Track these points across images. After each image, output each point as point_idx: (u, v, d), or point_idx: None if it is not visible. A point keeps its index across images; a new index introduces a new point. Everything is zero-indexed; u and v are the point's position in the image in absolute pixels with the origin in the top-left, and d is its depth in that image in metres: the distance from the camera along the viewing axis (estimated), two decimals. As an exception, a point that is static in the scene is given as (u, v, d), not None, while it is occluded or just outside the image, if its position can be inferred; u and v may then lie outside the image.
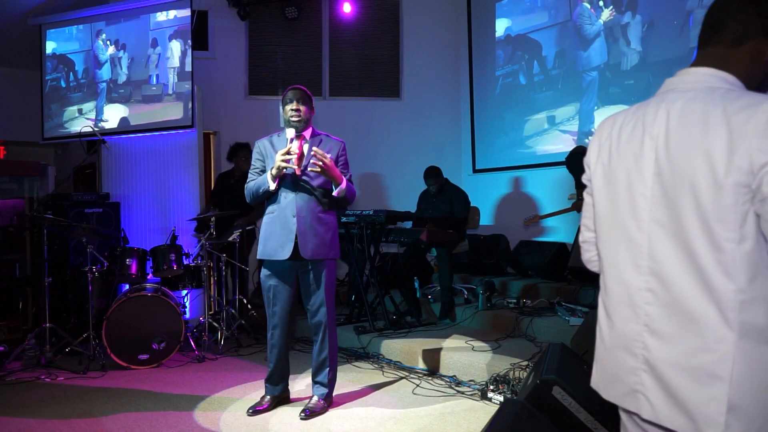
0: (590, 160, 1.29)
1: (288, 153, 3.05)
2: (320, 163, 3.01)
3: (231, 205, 5.11)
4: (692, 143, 1.07)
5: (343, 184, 3.14)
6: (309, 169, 3.10)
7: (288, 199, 3.14)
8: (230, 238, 4.94)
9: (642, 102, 1.23)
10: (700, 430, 1.06)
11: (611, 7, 5.58)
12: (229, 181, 5.41)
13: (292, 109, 3.16)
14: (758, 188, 0.99)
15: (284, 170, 3.08)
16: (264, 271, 3.26)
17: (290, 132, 3.14)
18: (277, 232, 3.14)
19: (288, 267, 3.20)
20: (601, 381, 1.26)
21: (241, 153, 5.39)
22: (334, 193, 3.14)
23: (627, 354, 1.17)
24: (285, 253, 3.10)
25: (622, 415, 1.27)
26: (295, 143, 3.14)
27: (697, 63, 1.18)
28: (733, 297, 1.03)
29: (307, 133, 3.23)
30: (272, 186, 3.11)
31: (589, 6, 5.81)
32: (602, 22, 5.67)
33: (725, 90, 1.10)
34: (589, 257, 1.38)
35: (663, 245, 1.11)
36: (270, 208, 3.20)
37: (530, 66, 6.50)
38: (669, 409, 1.10)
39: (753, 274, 1.02)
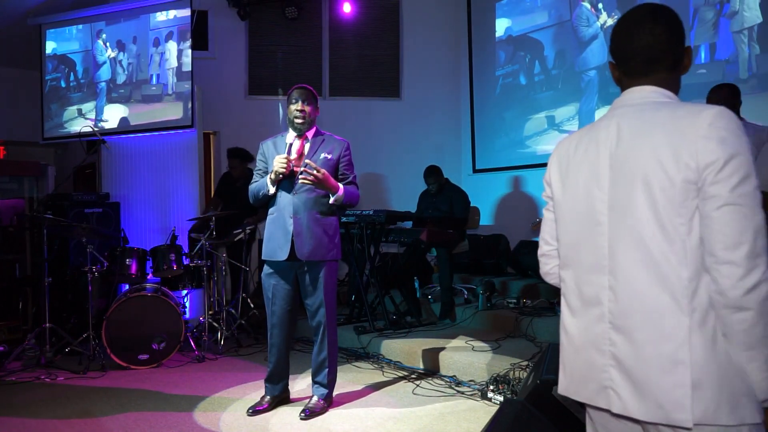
0: (550, 179, 1.40)
1: (287, 158, 3.06)
2: (310, 177, 3.00)
3: (234, 205, 5.13)
4: (644, 148, 1.18)
5: (340, 192, 3.11)
6: (300, 181, 3.07)
7: (286, 200, 3.14)
8: (237, 237, 4.95)
9: (594, 122, 1.35)
10: (670, 415, 1.13)
11: (612, 13, 5.58)
12: (236, 184, 5.43)
13: (297, 110, 3.15)
14: (702, 186, 1.11)
15: (281, 175, 3.09)
16: (265, 271, 3.27)
17: (290, 136, 3.14)
18: (276, 233, 3.15)
19: (287, 267, 3.20)
20: (571, 384, 1.32)
21: (234, 162, 5.46)
22: (331, 201, 3.12)
23: (596, 352, 1.24)
24: (283, 254, 3.12)
25: (591, 414, 1.33)
26: (296, 144, 3.14)
27: (636, 85, 1.30)
28: (687, 285, 1.13)
29: (310, 133, 3.23)
30: (271, 190, 3.15)
31: (588, 6, 5.81)
32: (600, 23, 5.67)
33: (668, 102, 1.24)
34: (547, 270, 1.47)
35: (620, 246, 1.21)
36: (271, 210, 3.21)
37: (530, 66, 6.50)
38: (638, 401, 1.17)
39: (700, 262, 1.13)
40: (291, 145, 3.16)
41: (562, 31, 6.13)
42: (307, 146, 3.20)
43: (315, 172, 2.99)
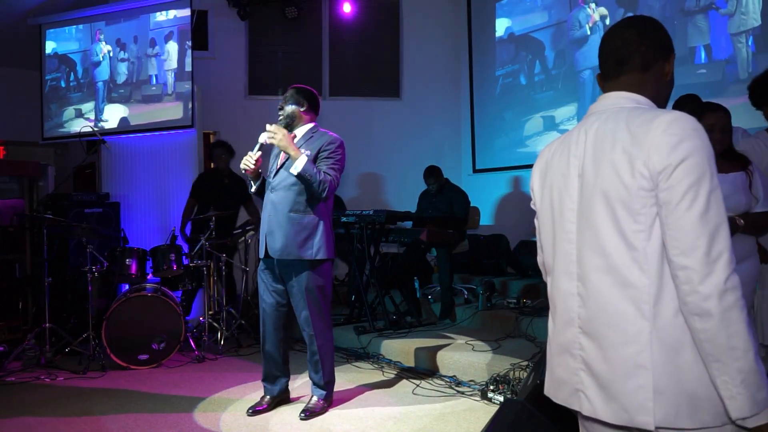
0: (533, 187, 1.43)
1: (252, 156, 3.11)
2: (268, 136, 3.01)
3: (221, 204, 5.04)
4: (604, 157, 1.20)
5: (300, 162, 2.96)
6: (267, 140, 3.06)
7: (268, 197, 3.20)
8: (240, 239, 4.95)
9: (571, 130, 1.38)
10: (634, 418, 1.14)
11: (606, 15, 5.58)
12: (224, 180, 5.29)
13: (278, 107, 3.24)
14: (657, 193, 1.12)
15: (245, 171, 3.15)
16: (258, 267, 3.32)
17: (263, 136, 3.14)
18: (261, 230, 3.22)
19: (271, 265, 3.22)
20: (551, 386, 1.35)
21: (221, 151, 5.31)
22: (291, 170, 2.99)
23: (569, 357, 1.27)
24: (262, 252, 3.19)
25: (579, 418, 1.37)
26: (263, 137, 3.13)
27: (611, 89, 1.31)
28: (647, 290, 1.14)
29: (300, 132, 3.23)
30: (252, 187, 3.27)
31: (587, 6, 5.81)
32: (598, 24, 5.67)
33: (631, 108, 1.24)
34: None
35: (586, 253, 1.23)
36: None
37: (530, 66, 6.50)
38: (605, 403, 1.19)
39: (661, 267, 1.14)
40: (262, 144, 3.16)
41: (562, 31, 6.12)
42: (295, 141, 3.20)
43: (273, 131, 3.00)
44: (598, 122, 1.26)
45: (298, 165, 2.97)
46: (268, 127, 3.05)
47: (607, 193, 1.18)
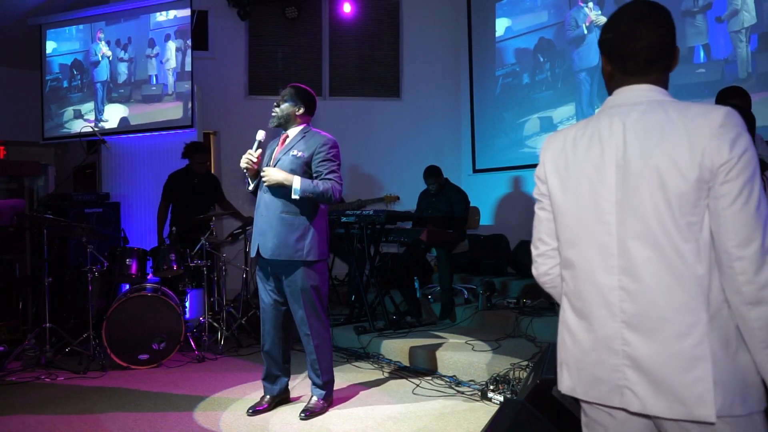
0: (546, 176, 1.37)
1: (251, 154, 3.14)
2: (265, 178, 3.04)
3: (195, 205, 5.00)
4: (656, 148, 1.18)
5: (297, 184, 2.99)
6: (264, 184, 3.09)
7: (260, 196, 3.19)
8: (240, 237, 4.95)
9: (586, 119, 1.34)
10: (692, 411, 1.14)
11: (602, 12, 5.58)
12: (193, 181, 5.17)
13: (274, 104, 3.24)
14: (713, 185, 1.13)
15: (246, 169, 3.17)
16: (257, 266, 3.31)
17: (260, 133, 3.18)
18: (254, 230, 3.22)
19: (265, 264, 3.21)
20: (578, 385, 1.31)
21: (204, 157, 5.24)
22: (293, 196, 3.02)
23: (608, 353, 1.24)
24: (254, 251, 3.18)
25: (589, 412, 1.34)
26: (260, 134, 3.20)
27: (635, 83, 1.29)
28: (702, 282, 1.15)
29: (293, 131, 3.23)
30: (249, 186, 3.27)
31: (585, 6, 5.81)
32: (596, 24, 5.67)
33: (669, 101, 1.23)
34: (545, 270, 1.47)
35: (631, 244, 1.20)
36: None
37: (530, 66, 6.50)
38: (656, 398, 1.17)
39: (712, 258, 1.16)
40: (260, 141, 3.19)
41: (561, 31, 6.12)
42: (287, 141, 3.21)
43: (263, 177, 3.05)
44: (636, 113, 1.23)
45: (296, 188, 3.00)
46: (265, 168, 3.09)
47: (664, 184, 1.16)
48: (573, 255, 1.31)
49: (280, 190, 3.09)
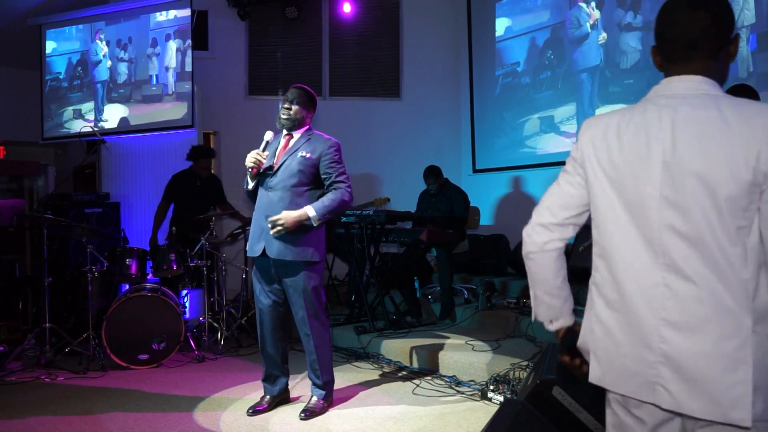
0: (583, 160, 1.32)
1: (258, 154, 3.12)
2: (275, 229, 3.00)
3: (197, 206, 4.99)
4: (706, 146, 1.14)
5: (312, 212, 3.03)
6: (272, 232, 3.03)
7: (263, 197, 3.18)
8: (240, 237, 4.95)
9: (631, 106, 1.29)
10: (727, 413, 1.12)
11: (602, 12, 5.58)
12: (196, 183, 5.18)
13: (283, 108, 3.22)
14: (766, 189, 1.11)
15: (251, 169, 3.14)
16: (253, 267, 3.30)
17: (268, 134, 3.19)
18: (254, 230, 3.19)
19: (266, 264, 3.19)
20: (608, 375, 1.28)
21: (202, 162, 5.18)
22: (314, 224, 3.05)
23: (644, 349, 1.22)
24: (257, 251, 3.14)
25: (619, 410, 1.31)
26: (281, 142, 3.19)
27: (680, 72, 1.25)
28: (747, 285, 1.13)
29: (298, 133, 3.24)
30: (250, 185, 3.23)
31: (586, 6, 5.81)
32: (598, 23, 5.67)
33: (718, 96, 1.19)
34: (542, 242, 1.38)
35: (676, 243, 1.18)
36: (255, 206, 3.25)
37: (530, 66, 6.50)
38: (690, 397, 1.16)
39: (759, 263, 1.14)
40: (268, 142, 3.20)
41: (561, 31, 6.12)
42: (292, 142, 3.21)
43: (278, 222, 2.99)
44: (686, 107, 1.19)
45: (312, 216, 3.02)
46: (271, 217, 3.03)
47: (712, 187, 1.13)
48: (610, 245, 1.27)
49: (285, 191, 3.10)
